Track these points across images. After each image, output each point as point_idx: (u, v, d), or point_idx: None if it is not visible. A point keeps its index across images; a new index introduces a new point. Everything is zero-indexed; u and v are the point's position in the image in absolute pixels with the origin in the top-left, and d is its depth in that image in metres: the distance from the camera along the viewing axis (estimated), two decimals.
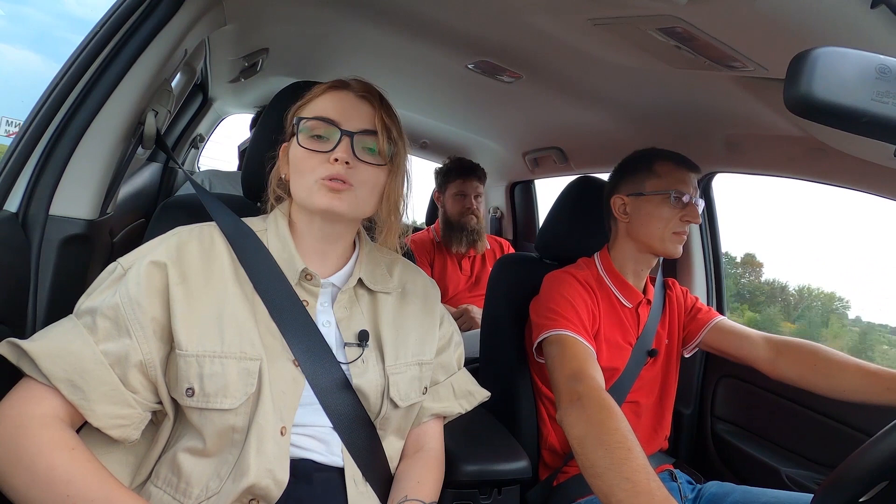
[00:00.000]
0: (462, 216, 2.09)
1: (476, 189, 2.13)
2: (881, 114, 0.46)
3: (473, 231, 2.09)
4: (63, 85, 0.86)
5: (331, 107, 0.77)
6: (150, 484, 0.69)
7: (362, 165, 0.75)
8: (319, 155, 0.74)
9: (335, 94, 0.78)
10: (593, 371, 0.97)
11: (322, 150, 0.74)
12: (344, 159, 0.73)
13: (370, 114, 0.77)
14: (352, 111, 0.76)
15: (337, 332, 0.79)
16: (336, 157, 0.73)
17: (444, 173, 2.17)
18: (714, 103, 1.26)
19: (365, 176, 0.75)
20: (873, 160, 1.09)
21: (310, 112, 0.77)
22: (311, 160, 0.74)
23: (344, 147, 0.74)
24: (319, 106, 0.77)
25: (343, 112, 0.76)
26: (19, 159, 0.84)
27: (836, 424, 1.24)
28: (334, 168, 0.73)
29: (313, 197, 0.74)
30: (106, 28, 0.88)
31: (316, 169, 0.74)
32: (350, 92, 0.78)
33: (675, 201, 1.12)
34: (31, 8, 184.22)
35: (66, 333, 0.65)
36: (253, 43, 1.72)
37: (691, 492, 1.15)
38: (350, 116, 0.76)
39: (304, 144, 0.75)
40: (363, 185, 0.75)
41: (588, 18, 0.98)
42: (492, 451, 0.97)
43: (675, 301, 1.28)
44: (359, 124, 0.76)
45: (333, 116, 0.75)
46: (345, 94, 0.78)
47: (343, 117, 0.76)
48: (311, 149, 0.75)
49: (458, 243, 2.08)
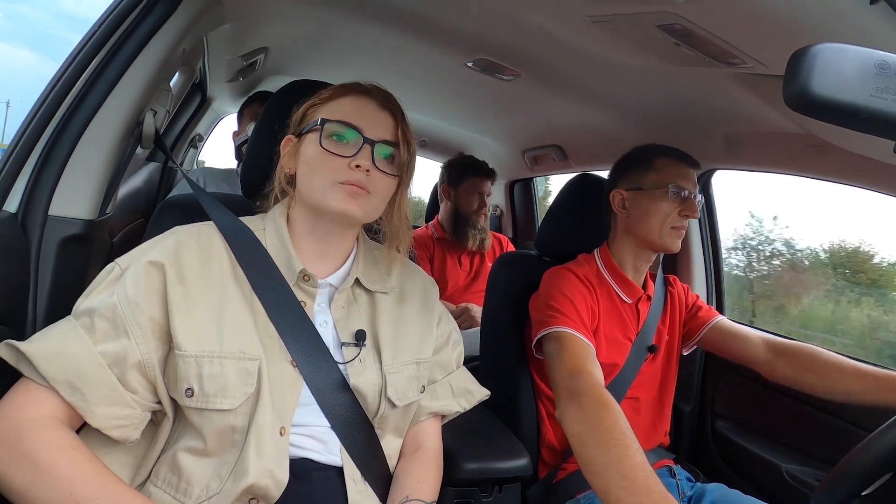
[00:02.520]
0: (474, 214, 2.10)
1: (489, 190, 2.15)
2: (881, 110, 0.46)
3: (483, 230, 2.11)
4: (61, 85, 0.86)
5: (353, 111, 0.77)
6: (149, 484, 0.69)
7: (379, 174, 0.76)
8: (339, 159, 0.74)
9: (357, 99, 0.79)
10: (592, 368, 0.97)
11: (343, 155, 0.74)
12: (365, 167, 0.74)
13: (391, 124, 0.78)
14: (373, 119, 0.77)
15: (334, 332, 0.79)
16: (358, 163, 0.74)
17: (461, 168, 2.16)
18: (713, 100, 1.26)
19: (380, 185, 0.76)
20: (873, 156, 1.09)
21: (331, 113, 0.77)
22: (331, 162, 0.74)
23: (365, 154, 0.75)
24: (341, 108, 0.77)
25: (365, 119, 0.77)
26: (18, 159, 0.84)
27: (836, 421, 1.25)
28: (354, 174, 0.74)
29: (328, 198, 0.74)
30: (104, 27, 0.88)
31: (335, 172, 0.74)
32: (372, 100, 0.79)
33: (673, 196, 1.12)
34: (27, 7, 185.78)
35: (65, 335, 0.65)
36: (251, 42, 1.72)
37: (690, 489, 1.15)
38: (372, 124, 0.76)
39: (326, 146, 0.75)
40: (378, 193, 0.76)
41: (587, 16, 0.98)
42: (492, 449, 0.97)
43: (676, 298, 1.28)
44: (381, 133, 0.77)
45: (356, 122, 0.76)
46: (367, 101, 0.79)
47: (365, 124, 0.76)
48: (332, 151, 0.75)
49: (471, 239, 2.08)
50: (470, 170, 2.14)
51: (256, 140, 0.93)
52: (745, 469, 1.41)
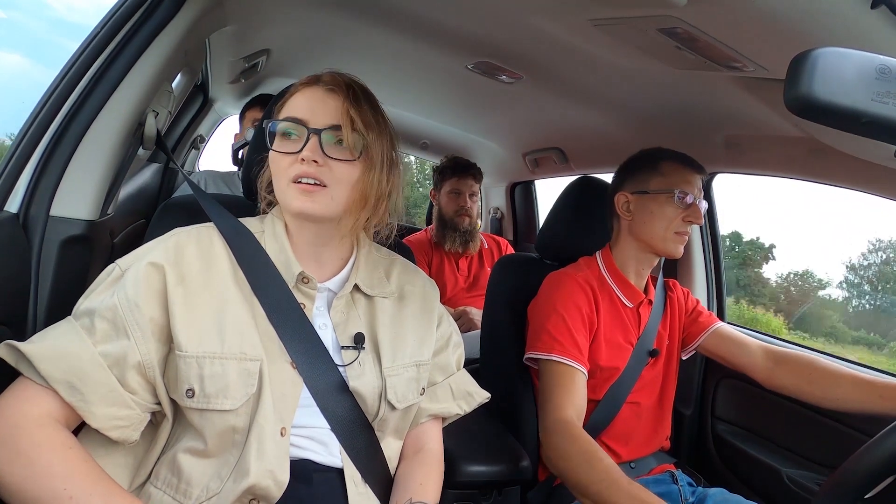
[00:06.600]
0: (456, 215, 2.10)
1: (471, 188, 2.13)
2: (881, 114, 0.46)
3: (466, 232, 2.10)
4: (64, 86, 0.86)
5: (302, 105, 0.75)
6: (149, 485, 0.69)
7: (333, 162, 0.73)
8: (288, 156, 0.73)
9: (307, 90, 0.77)
10: (575, 401, 1.03)
11: (291, 151, 0.73)
12: (311, 158, 0.71)
13: (337, 107, 0.74)
14: (320, 107, 0.74)
15: (333, 335, 0.78)
16: (303, 156, 0.72)
17: (440, 171, 2.18)
18: (714, 104, 1.26)
19: (338, 173, 0.73)
20: (874, 160, 1.09)
21: (283, 113, 0.77)
22: (283, 161, 0.74)
23: (311, 146, 0.72)
24: (292, 105, 0.76)
25: (312, 109, 0.74)
26: (20, 160, 0.84)
27: (836, 425, 1.24)
28: (303, 168, 0.72)
29: (288, 199, 0.73)
30: (106, 29, 0.88)
31: (287, 170, 0.73)
32: (320, 86, 0.76)
33: (678, 201, 1.12)
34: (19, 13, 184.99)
35: (65, 335, 0.65)
36: (253, 44, 1.72)
37: (692, 494, 1.15)
38: (318, 112, 0.74)
39: (275, 146, 0.75)
40: (338, 183, 0.73)
41: (588, 19, 0.98)
42: (492, 453, 0.97)
43: (675, 302, 1.28)
44: (326, 120, 0.73)
45: (302, 115, 0.74)
46: (315, 90, 0.76)
47: (311, 114, 0.74)
48: (281, 150, 0.74)
49: (452, 242, 2.10)
50: (448, 171, 2.15)
51: (257, 142, 0.93)
52: (746, 473, 1.40)
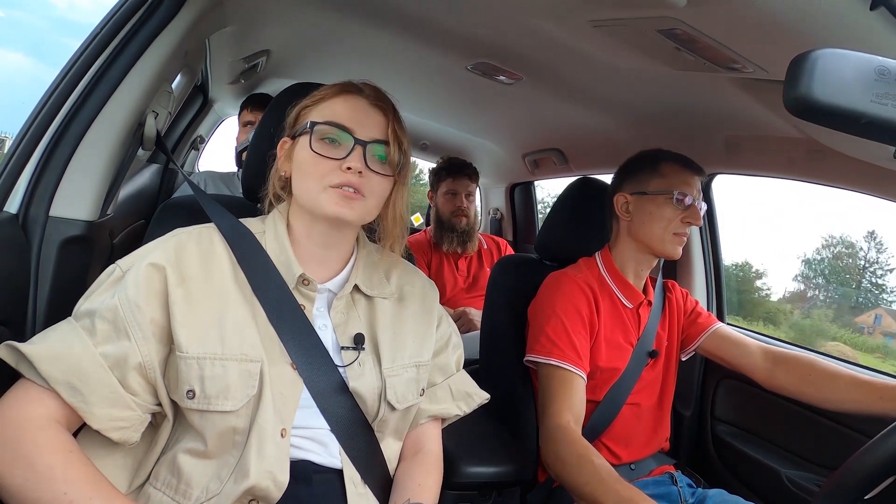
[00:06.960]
0: (453, 216, 2.10)
1: (467, 188, 2.13)
2: (880, 115, 0.46)
3: (463, 232, 2.11)
4: (63, 86, 0.86)
5: (344, 112, 0.76)
6: (148, 486, 0.69)
7: (373, 175, 0.75)
8: (331, 161, 0.74)
9: (348, 98, 0.77)
10: (574, 406, 1.04)
11: (334, 157, 0.74)
12: (357, 169, 0.73)
13: (383, 123, 0.77)
14: (365, 119, 0.76)
15: (333, 336, 0.78)
16: (349, 165, 0.73)
17: (436, 172, 2.19)
18: (714, 104, 1.26)
19: (374, 186, 0.75)
20: (873, 161, 1.09)
21: (321, 115, 0.76)
22: (322, 165, 0.74)
23: (357, 156, 0.74)
24: (331, 109, 0.77)
25: (356, 119, 0.75)
26: (20, 160, 0.84)
27: (835, 426, 1.24)
28: (346, 176, 0.73)
29: (321, 202, 0.73)
30: (106, 30, 0.88)
31: (327, 175, 0.73)
32: (363, 98, 0.77)
33: (677, 202, 1.12)
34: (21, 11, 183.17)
35: (65, 336, 0.65)
36: (253, 45, 1.72)
37: (691, 496, 1.15)
38: (363, 124, 0.75)
39: (316, 149, 0.74)
40: (372, 194, 0.75)
41: (588, 20, 0.98)
42: (492, 453, 0.97)
43: (675, 303, 1.28)
44: (372, 133, 0.75)
45: (347, 123, 0.75)
46: (358, 100, 0.77)
47: (356, 124, 0.75)
48: (322, 154, 0.74)
49: (450, 242, 2.11)
50: (443, 172, 2.16)
51: (256, 143, 0.93)
52: (745, 474, 1.40)
